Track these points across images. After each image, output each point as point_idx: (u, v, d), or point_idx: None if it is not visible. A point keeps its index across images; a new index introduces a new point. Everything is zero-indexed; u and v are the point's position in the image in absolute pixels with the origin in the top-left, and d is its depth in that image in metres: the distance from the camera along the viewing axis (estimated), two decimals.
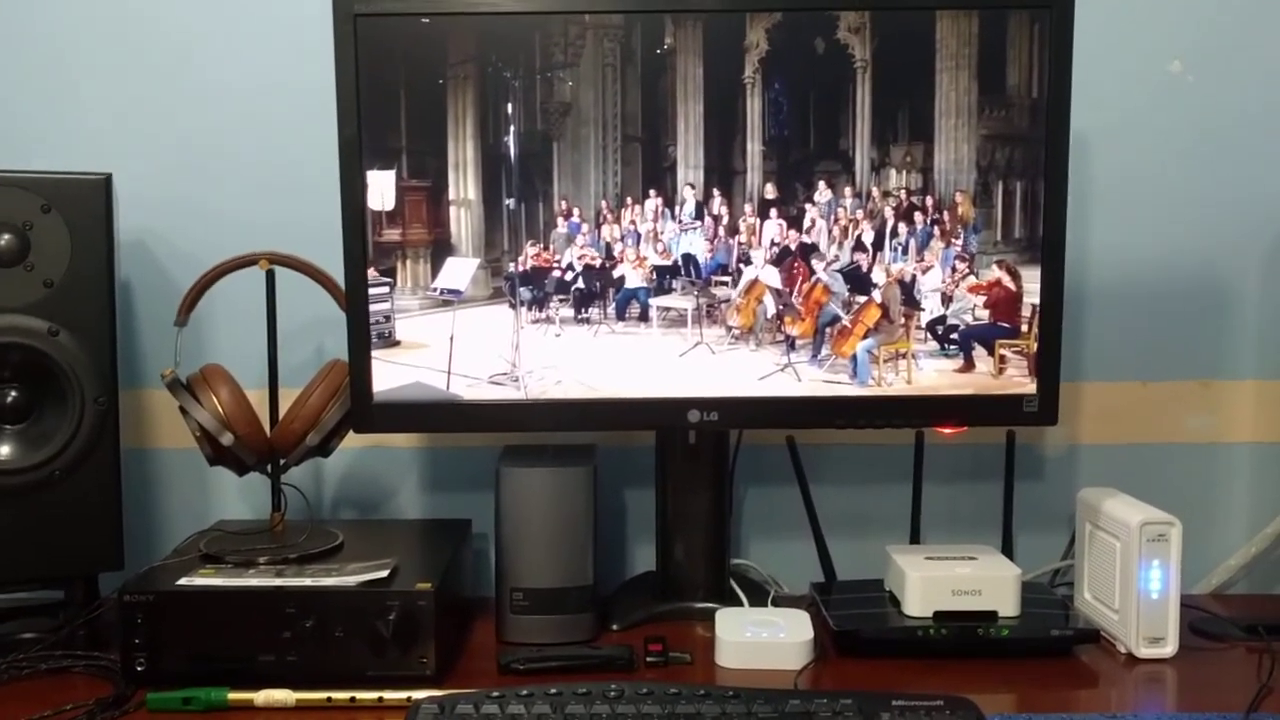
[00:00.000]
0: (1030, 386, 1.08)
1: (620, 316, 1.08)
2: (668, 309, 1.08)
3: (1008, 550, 1.19)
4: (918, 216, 1.07)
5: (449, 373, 1.07)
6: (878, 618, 1.06)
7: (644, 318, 1.08)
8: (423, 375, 1.06)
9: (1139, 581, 1.02)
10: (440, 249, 1.07)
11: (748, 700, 0.85)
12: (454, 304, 1.07)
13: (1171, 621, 1.03)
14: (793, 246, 1.07)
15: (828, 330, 1.08)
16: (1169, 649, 1.03)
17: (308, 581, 0.96)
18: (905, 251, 1.07)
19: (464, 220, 1.06)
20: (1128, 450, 1.26)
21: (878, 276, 1.08)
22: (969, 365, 1.08)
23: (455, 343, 1.07)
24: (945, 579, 1.05)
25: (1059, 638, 1.03)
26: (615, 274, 1.08)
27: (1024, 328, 1.08)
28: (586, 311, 1.08)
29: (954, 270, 1.08)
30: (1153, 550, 1.02)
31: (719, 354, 1.07)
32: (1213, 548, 1.25)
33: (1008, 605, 1.05)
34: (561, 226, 1.07)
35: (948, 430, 1.12)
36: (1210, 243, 1.24)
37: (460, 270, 1.07)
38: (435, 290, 1.07)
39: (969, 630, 1.03)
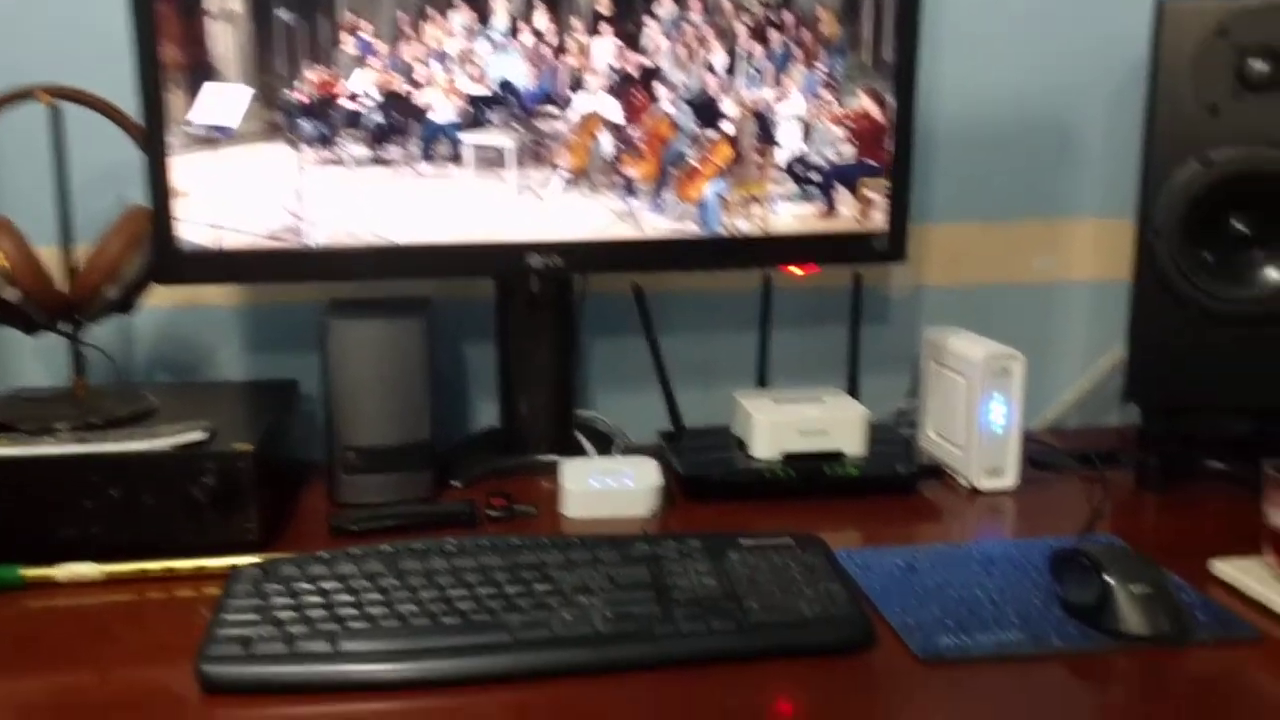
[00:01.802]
0: (880, 223, 1.05)
1: (427, 156, 0.98)
2: (484, 147, 0.99)
3: (854, 392, 1.18)
4: (775, 35, 1.00)
5: (216, 227, 0.95)
6: (726, 462, 1.04)
7: (456, 158, 0.99)
8: (186, 230, 0.95)
9: (981, 416, 1.03)
10: (198, 73, 0.93)
11: (592, 547, 0.82)
12: (220, 142, 0.94)
13: (1011, 454, 1.04)
14: (633, 72, 0.99)
15: (673, 171, 1.02)
16: (1009, 481, 1.04)
17: (112, 447, 0.88)
18: (761, 77, 1.01)
19: (227, 38, 0.92)
20: (972, 291, 1.26)
21: (730, 108, 1.02)
22: (830, 209, 1.05)
23: (222, 189, 0.95)
24: (792, 421, 1.03)
25: (904, 474, 1.04)
26: (419, 103, 0.97)
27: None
28: (385, 149, 0.98)
29: (816, 98, 1.02)
30: (995, 385, 1.03)
31: (548, 200, 1.01)
32: (1051, 384, 1.28)
33: (854, 445, 1.04)
34: (349, 45, 0.95)
35: (798, 271, 1.09)
36: (1057, 82, 1.22)
37: (224, 100, 0.93)
38: (195, 125, 0.94)
39: (816, 470, 1.02)
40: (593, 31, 0.97)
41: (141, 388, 1.07)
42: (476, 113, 0.98)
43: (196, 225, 0.95)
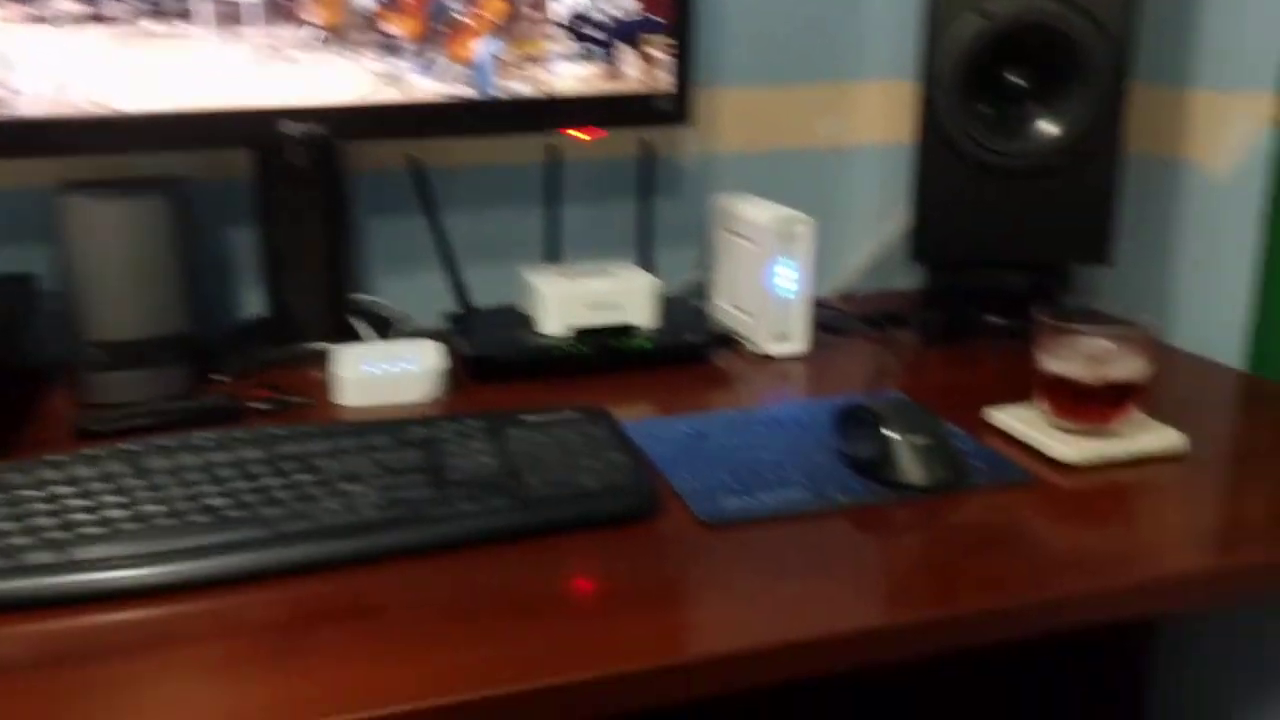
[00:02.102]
0: (665, 83, 1.01)
1: (154, 12, 0.87)
2: (220, 1, 0.88)
3: (647, 265, 1.15)
4: None
5: None
6: (514, 340, 1.00)
7: (185, 14, 0.88)
8: None
9: (770, 281, 1.01)
10: None
11: (363, 434, 0.76)
12: None
13: (801, 319, 1.03)
14: None
15: (440, 28, 0.94)
16: (799, 346, 1.03)
17: None
18: None
19: None
20: (763, 158, 1.23)
21: None
22: (614, 70, 0.99)
23: None
24: (581, 295, 0.99)
25: (695, 344, 1.01)
26: None
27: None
28: (100, 3, 0.85)
29: None
30: (783, 249, 1.01)
31: (302, 63, 0.91)
32: (843, 249, 1.28)
33: (645, 317, 1.01)
34: None
35: (582, 135, 1.04)
36: None
37: None
38: None
39: (606, 344, 0.99)
40: None
41: None
42: None
43: None
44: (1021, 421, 0.82)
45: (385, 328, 1.09)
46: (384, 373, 0.93)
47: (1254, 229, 0.97)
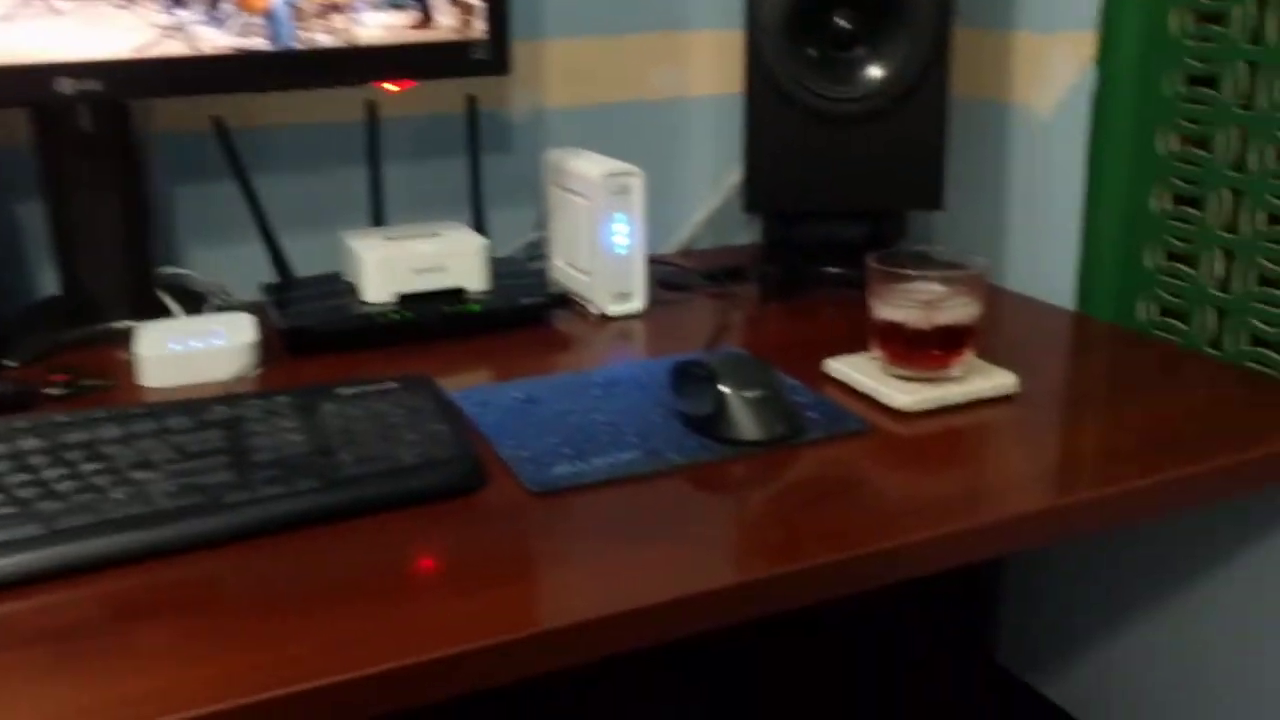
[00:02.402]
0: (479, 31, 0.96)
1: None
2: None
3: (480, 226, 1.10)
4: None
5: None
6: (334, 310, 0.94)
7: None
8: None
9: (604, 238, 0.98)
10: None
11: (160, 416, 0.70)
12: None
13: (638, 277, 1.00)
14: None
15: None
16: (637, 304, 1.00)
17: None
18: None
19: None
20: (595, 111, 1.19)
21: None
22: (425, 19, 0.93)
23: None
24: (405, 257, 0.94)
25: (530, 306, 0.97)
26: None
27: None
28: None
29: None
30: (617, 204, 0.97)
31: (69, 12, 0.83)
32: (682, 205, 1.25)
33: (475, 279, 0.96)
34: None
35: (393, 87, 0.98)
36: None
37: None
38: None
39: (435, 310, 0.94)
40: None
41: None
42: None
43: None
44: (858, 371, 0.81)
45: (198, 302, 1.01)
46: (189, 350, 0.86)
47: (1080, 168, 0.98)
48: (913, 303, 0.78)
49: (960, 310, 0.78)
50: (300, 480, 0.63)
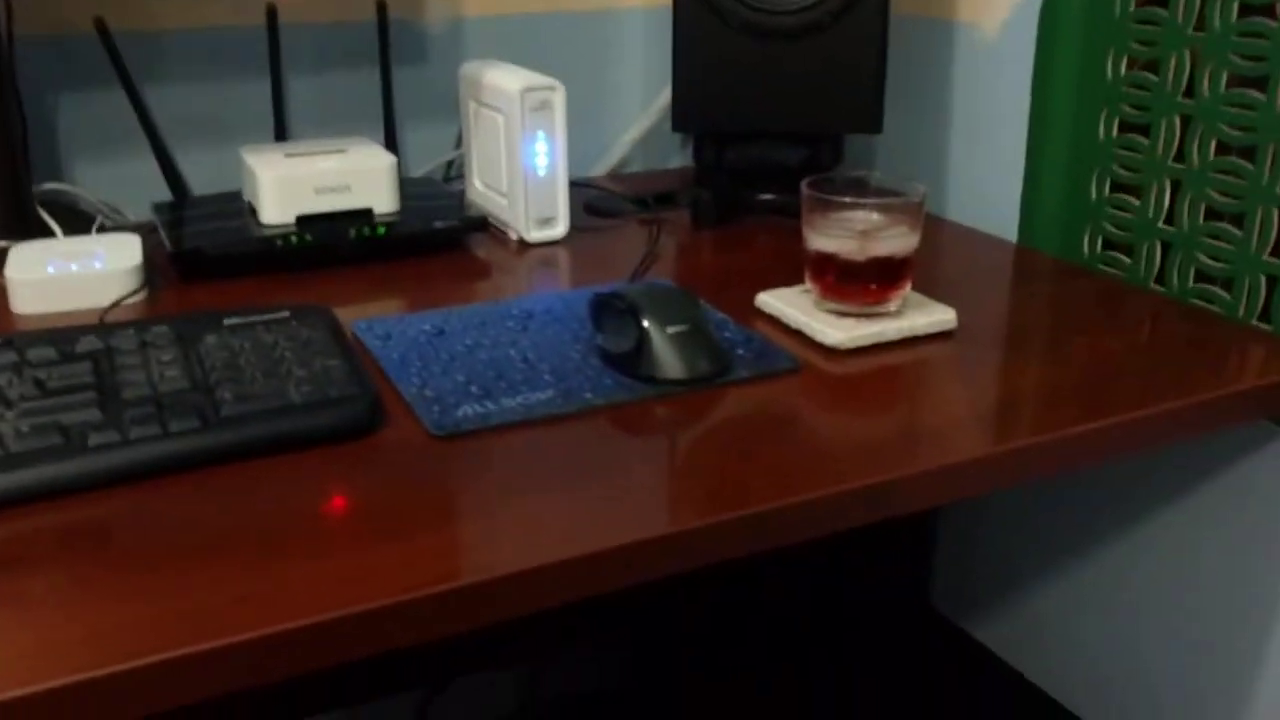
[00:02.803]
0: None
1: None
2: None
3: (391, 142, 1.03)
4: None
5: None
6: (228, 232, 0.86)
7: None
8: None
9: (525, 158, 0.91)
10: None
11: (22, 347, 0.63)
12: None
13: (561, 199, 0.94)
14: None
15: None
16: (560, 229, 0.94)
17: None
18: None
19: None
20: (517, 21, 1.12)
21: None
22: None
23: None
24: (305, 176, 0.87)
25: (443, 230, 0.91)
26: None
27: None
28: None
29: None
30: (537, 121, 0.91)
31: None
32: (612, 125, 1.18)
33: (383, 200, 0.90)
34: None
35: None
36: None
37: None
38: None
39: (339, 232, 0.87)
40: None
41: None
42: None
43: None
44: (790, 305, 0.76)
45: (86, 223, 0.94)
46: (65, 273, 0.78)
47: (1025, 91, 0.93)
48: (847, 232, 0.73)
49: (897, 241, 0.73)
50: (175, 420, 0.57)
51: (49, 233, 0.89)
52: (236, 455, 0.57)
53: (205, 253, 0.83)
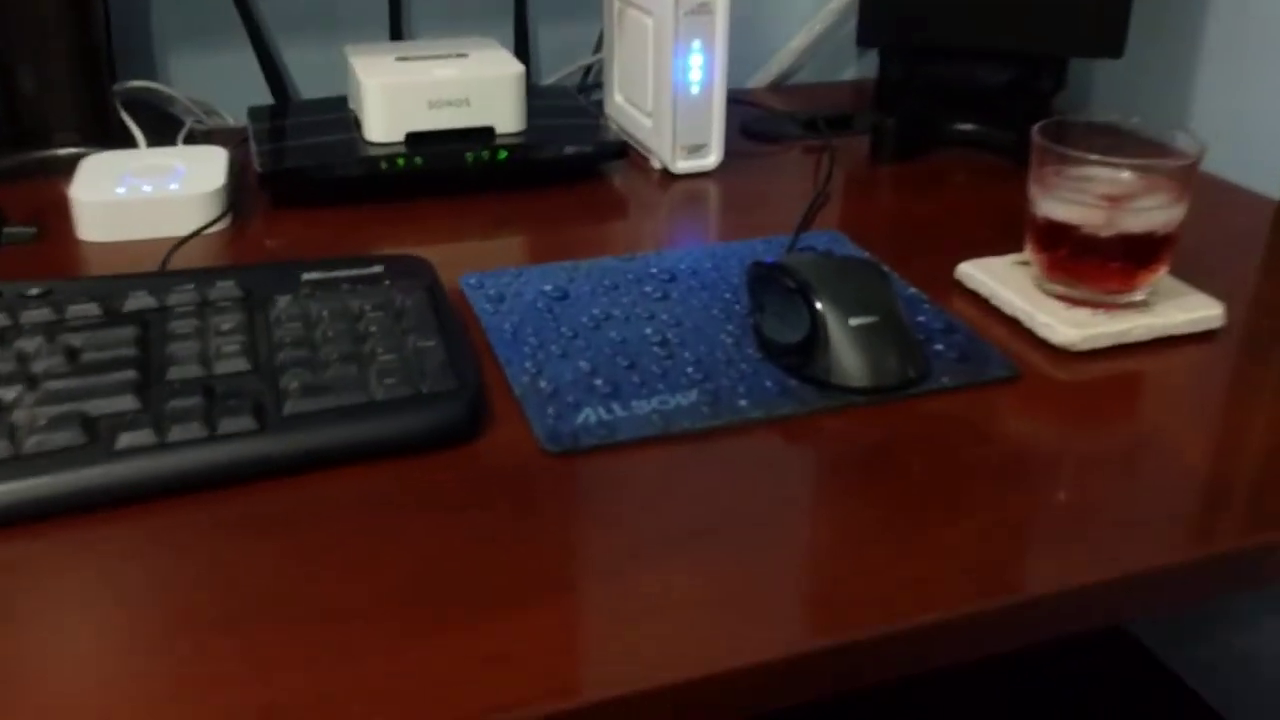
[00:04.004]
0: None
1: None
2: None
3: (522, 47, 0.89)
4: None
5: None
6: (325, 149, 0.74)
7: None
8: None
9: (675, 73, 0.76)
10: None
11: (62, 300, 0.52)
12: None
13: (716, 124, 0.78)
14: None
15: None
16: (712, 159, 0.79)
17: None
18: None
19: None
20: None
21: None
22: None
23: None
24: (417, 85, 0.73)
25: (574, 156, 0.76)
26: None
27: None
28: None
29: None
30: (693, 28, 0.75)
31: None
32: (775, 30, 1.01)
33: (508, 118, 0.76)
34: None
35: None
36: None
37: None
38: None
39: (454, 155, 0.74)
40: None
41: None
42: None
43: None
44: (1004, 283, 0.60)
45: (175, 127, 0.82)
46: (136, 196, 0.67)
47: None
48: (1092, 198, 0.56)
49: (1158, 214, 0.56)
50: (226, 417, 0.45)
51: (130, 140, 0.78)
52: (297, 467, 0.46)
53: (295, 174, 0.71)
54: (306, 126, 0.78)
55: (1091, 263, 0.57)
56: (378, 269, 0.57)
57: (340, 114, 0.79)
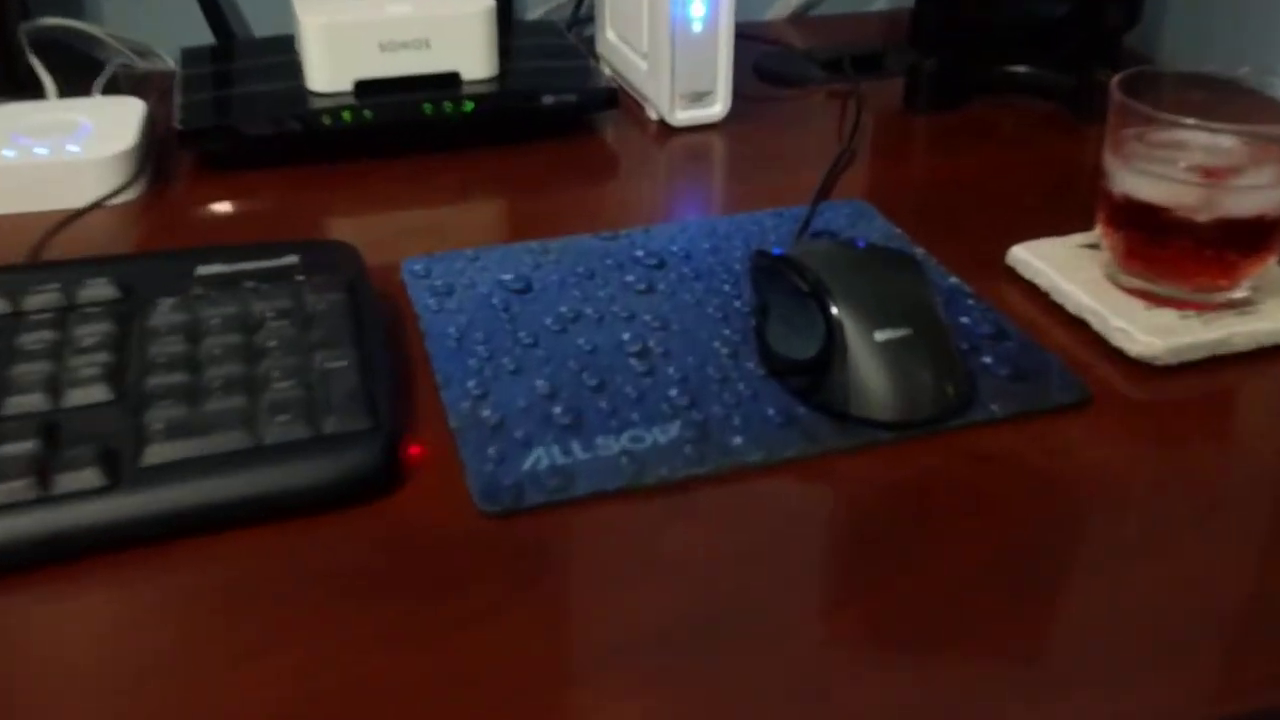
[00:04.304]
0: None
1: None
2: None
3: None
4: None
5: None
6: (260, 100, 0.63)
7: None
8: None
9: (674, 4, 0.64)
10: None
11: None
12: None
13: (722, 67, 0.66)
14: None
15: None
16: (717, 108, 0.67)
17: None
18: None
19: None
20: None
21: None
22: None
23: None
24: (366, 24, 0.62)
25: (554, 107, 0.65)
26: None
27: None
28: None
29: None
30: None
31: None
32: None
33: (475, 62, 0.64)
34: None
35: None
36: None
37: None
38: None
39: (410, 107, 0.62)
40: None
41: None
42: None
43: None
44: (1067, 275, 0.48)
45: (94, 72, 0.72)
46: (27, 160, 0.57)
47: None
48: (1186, 172, 0.44)
49: (1269, 194, 0.44)
50: (65, 471, 0.35)
51: (39, 91, 0.67)
52: (155, 535, 0.35)
53: (222, 132, 0.60)
54: (244, 73, 0.67)
55: (1182, 251, 0.45)
56: (291, 259, 0.46)
57: (288, 56, 0.68)
